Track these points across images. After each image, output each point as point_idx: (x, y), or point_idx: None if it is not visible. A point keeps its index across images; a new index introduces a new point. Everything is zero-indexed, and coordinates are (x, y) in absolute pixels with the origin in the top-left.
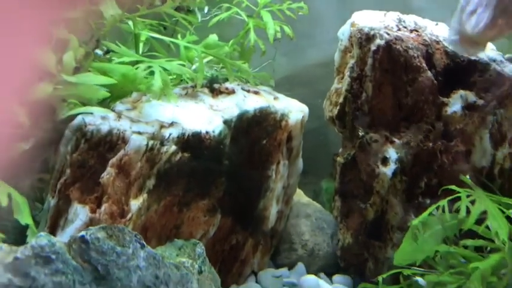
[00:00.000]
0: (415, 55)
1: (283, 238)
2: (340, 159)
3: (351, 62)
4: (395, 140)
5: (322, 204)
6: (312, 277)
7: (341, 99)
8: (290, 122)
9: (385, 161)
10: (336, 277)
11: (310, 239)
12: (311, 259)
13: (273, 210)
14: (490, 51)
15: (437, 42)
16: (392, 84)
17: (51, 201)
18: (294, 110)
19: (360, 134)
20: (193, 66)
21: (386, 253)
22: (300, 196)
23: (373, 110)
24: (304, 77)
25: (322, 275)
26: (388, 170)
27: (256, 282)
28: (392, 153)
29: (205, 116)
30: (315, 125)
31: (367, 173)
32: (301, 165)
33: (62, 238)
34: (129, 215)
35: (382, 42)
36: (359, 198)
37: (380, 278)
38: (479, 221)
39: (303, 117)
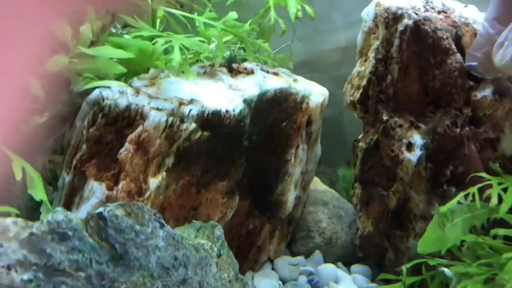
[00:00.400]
0: (444, 36)
1: (300, 226)
2: (362, 144)
3: (376, 43)
4: (421, 125)
5: (338, 192)
6: (330, 266)
7: (364, 82)
8: (311, 105)
9: (410, 146)
10: (354, 267)
11: (327, 227)
12: (329, 248)
13: (291, 196)
14: None
15: (467, 25)
16: (419, 67)
17: (66, 178)
18: (314, 92)
19: (384, 118)
20: (212, 45)
21: (408, 243)
22: (317, 184)
23: (398, 93)
24: (320, 62)
25: (339, 264)
26: (413, 156)
27: (272, 269)
28: (417, 139)
29: (225, 95)
30: (329, 113)
31: (391, 158)
32: (320, 151)
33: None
34: (147, 194)
35: (410, 22)
36: (381, 186)
37: (404, 268)
38: (509, 211)
39: (323, 100)
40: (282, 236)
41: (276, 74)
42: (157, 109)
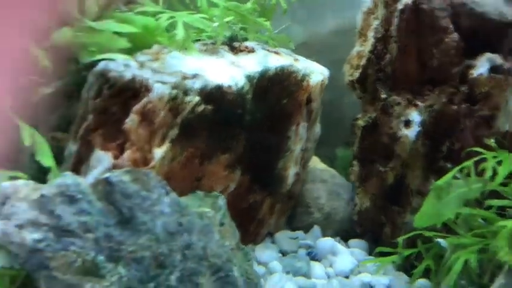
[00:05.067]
0: (442, 15)
1: (299, 202)
2: (360, 122)
3: (375, 23)
4: (419, 103)
5: (337, 172)
6: (328, 239)
7: (363, 62)
8: (311, 83)
9: (408, 123)
10: (352, 241)
11: (326, 203)
12: (327, 223)
13: (291, 172)
14: None
15: (464, 4)
16: (418, 45)
17: (73, 147)
18: (315, 71)
19: (382, 96)
20: (214, 24)
21: (405, 218)
22: (316, 163)
23: (396, 72)
24: (319, 45)
25: (337, 239)
26: (411, 132)
27: (272, 243)
28: (415, 116)
29: (227, 71)
30: (328, 96)
31: (389, 136)
32: (319, 130)
33: None
34: (152, 163)
35: (409, 1)
36: (378, 162)
37: (400, 240)
38: (503, 185)
39: (323, 79)
40: (282, 210)
41: (277, 53)
42: (162, 82)
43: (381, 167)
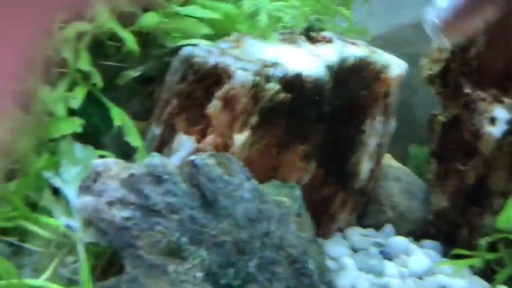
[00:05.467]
0: None
1: (372, 199)
2: (440, 118)
3: None
4: (506, 99)
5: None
6: (401, 238)
7: (445, 55)
8: (389, 76)
9: (493, 121)
10: (425, 242)
11: (400, 201)
12: (400, 222)
13: (365, 167)
14: None
15: None
16: (506, 39)
17: (156, 130)
18: (393, 64)
19: (466, 91)
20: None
21: (483, 220)
22: (389, 160)
23: (482, 66)
24: (394, 39)
25: (410, 238)
26: (496, 130)
27: (343, 238)
28: (501, 113)
29: (306, 60)
30: (401, 92)
31: (471, 133)
32: (394, 126)
33: None
34: (233, 149)
35: None
36: (459, 161)
37: (482, 242)
38: None
39: (401, 72)
40: (353, 206)
41: (354, 44)
42: (243, 69)
43: (461, 165)
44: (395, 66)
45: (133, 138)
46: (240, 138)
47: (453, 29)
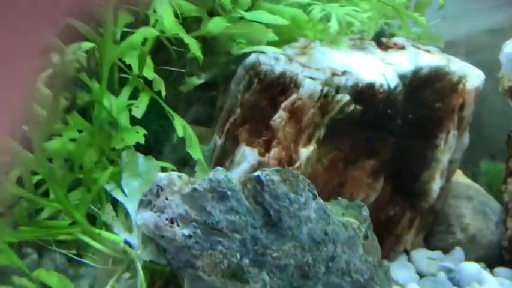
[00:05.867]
0: None
1: (440, 219)
2: None
3: None
4: None
5: None
6: (473, 264)
7: None
8: (467, 87)
9: None
10: (499, 270)
11: (471, 223)
12: (470, 246)
13: (436, 185)
14: None
15: None
16: None
17: (218, 141)
18: (471, 74)
19: None
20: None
21: None
22: (459, 176)
23: None
24: (468, 44)
25: (482, 265)
26: None
27: (408, 261)
28: None
29: (378, 68)
30: None
31: None
32: (468, 140)
33: None
34: (298, 163)
35: None
36: None
37: None
38: None
39: (479, 84)
40: (421, 227)
41: (428, 51)
42: (311, 78)
43: None
44: (474, 76)
45: (195, 151)
46: (306, 152)
47: None
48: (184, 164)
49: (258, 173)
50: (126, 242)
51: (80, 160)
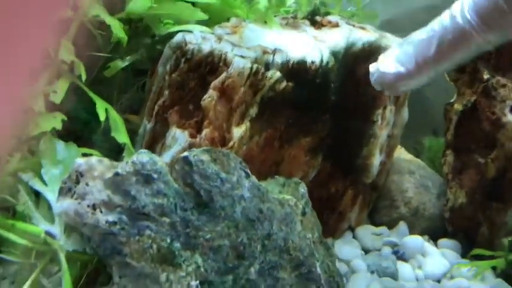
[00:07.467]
0: None
1: (383, 195)
2: (457, 106)
3: None
4: None
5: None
6: (416, 237)
7: None
8: None
9: None
10: (442, 241)
11: (414, 197)
12: (414, 219)
13: (376, 161)
14: None
15: None
16: None
17: (148, 125)
18: None
19: (485, 77)
20: None
21: (506, 217)
22: (401, 153)
23: (501, 50)
24: (406, 23)
25: (426, 237)
26: None
27: (353, 238)
28: None
29: (310, 46)
30: None
31: (491, 122)
32: (407, 116)
33: None
34: (231, 143)
35: None
36: (477, 152)
37: (505, 241)
38: None
39: None
40: (364, 203)
41: (363, 28)
42: (241, 56)
43: (480, 157)
44: None
45: (120, 134)
46: (239, 131)
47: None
48: (120, 151)
49: (186, 153)
50: (48, 233)
51: None
